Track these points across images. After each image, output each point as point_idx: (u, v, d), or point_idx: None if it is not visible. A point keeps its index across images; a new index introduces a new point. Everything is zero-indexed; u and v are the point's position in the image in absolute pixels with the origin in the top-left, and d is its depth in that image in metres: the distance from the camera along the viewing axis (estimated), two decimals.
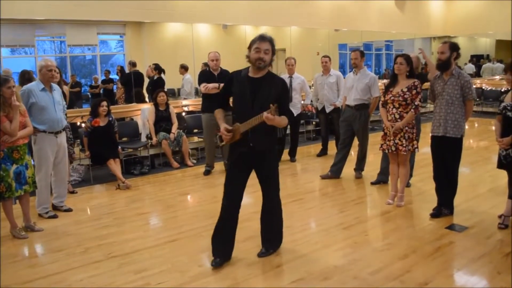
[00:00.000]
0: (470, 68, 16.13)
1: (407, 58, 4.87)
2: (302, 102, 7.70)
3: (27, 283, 3.51)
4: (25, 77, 6.14)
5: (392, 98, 4.84)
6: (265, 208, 3.83)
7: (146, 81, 9.86)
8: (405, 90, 4.78)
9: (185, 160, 7.38)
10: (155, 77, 9.31)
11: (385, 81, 5.27)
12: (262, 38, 3.48)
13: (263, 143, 3.56)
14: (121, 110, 8.27)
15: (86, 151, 6.45)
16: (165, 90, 7.95)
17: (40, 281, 3.53)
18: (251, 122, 3.40)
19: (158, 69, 9.34)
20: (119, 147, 6.73)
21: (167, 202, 5.58)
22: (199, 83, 6.59)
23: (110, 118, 6.52)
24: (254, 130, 3.43)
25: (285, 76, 7.47)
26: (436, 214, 4.69)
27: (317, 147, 8.42)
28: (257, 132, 3.46)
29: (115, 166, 6.29)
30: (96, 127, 6.36)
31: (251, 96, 3.47)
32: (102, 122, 6.41)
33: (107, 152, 6.32)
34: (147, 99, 9.10)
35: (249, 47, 3.51)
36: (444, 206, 4.72)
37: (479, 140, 9.17)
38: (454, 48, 4.50)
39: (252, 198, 4.86)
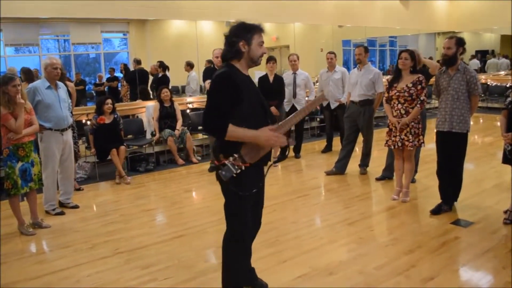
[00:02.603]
0: (475, 63, 16.07)
1: (411, 53, 4.87)
2: (307, 98, 7.71)
3: (35, 279, 3.55)
4: (28, 75, 6.23)
5: (397, 93, 4.83)
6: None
7: (150, 78, 9.91)
8: (410, 85, 4.78)
9: (189, 157, 7.41)
10: (160, 75, 9.35)
11: (389, 77, 5.27)
12: (262, 29, 2.83)
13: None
14: (126, 108, 8.30)
15: (91, 148, 6.48)
16: (169, 87, 7.98)
17: (48, 277, 3.57)
18: (299, 115, 2.80)
19: (162, 66, 9.38)
20: (124, 144, 6.75)
21: (173, 198, 5.61)
22: (204, 80, 6.62)
23: (116, 116, 6.56)
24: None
25: (289, 72, 7.48)
26: (436, 210, 4.70)
27: (321, 143, 8.42)
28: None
29: (117, 158, 6.33)
30: (101, 125, 6.40)
31: (259, 97, 2.87)
32: (107, 119, 6.45)
33: (111, 146, 6.36)
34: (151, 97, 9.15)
35: (244, 38, 2.74)
36: (444, 202, 4.73)
37: (484, 136, 9.15)
38: (460, 43, 4.50)
39: None
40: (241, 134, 2.62)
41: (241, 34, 2.74)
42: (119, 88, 11.26)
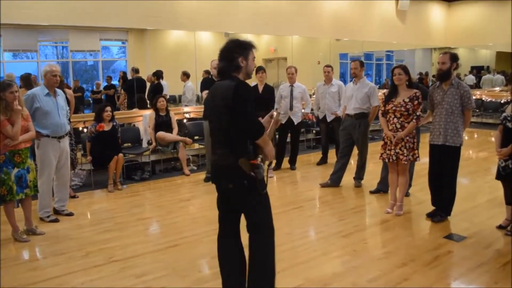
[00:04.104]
0: (471, 79, 16.23)
1: (404, 68, 4.94)
2: (303, 110, 7.75)
3: (28, 286, 3.54)
4: (26, 82, 6.25)
5: (394, 108, 4.88)
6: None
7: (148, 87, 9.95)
8: (407, 100, 4.83)
9: (182, 168, 7.39)
10: (155, 83, 9.42)
11: (385, 90, 5.33)
12: (255, 46, 3.04)
13: None
14: (123, 116, 8.32)
15: (88, 155, 6.48)
16: (164, 95, 8.03)
17: (41, 284, 3.56)
18: (273, 126, 3.10)
19: (156, 75, 9.44)
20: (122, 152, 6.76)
21: (168, 207, 5.62)
22: (202, 90, 6.66)
23: (114, 123, 6.59)
24: None
25: (286, 85, 7.53)
26: (432, 214, 4.86)
27: (317, 155, 8.46)
28: None
29: (114, 165, 6.35)
30: (100, 132, 6.41)
31: None
32: (106, 127, 6.47)
33: (111, 153, 6.37)
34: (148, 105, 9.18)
35: (243, 54, 2.93)
36: (441, 211, 4.84)
37: (479, 151, 9.21)
38: (454, 58, 4.62)
39: None
40: (266, 136, 2.90)
41: (240, 50, 2.93)
42: (116, 95, 11.27)
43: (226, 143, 2.90)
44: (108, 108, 6.54)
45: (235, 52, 2.92)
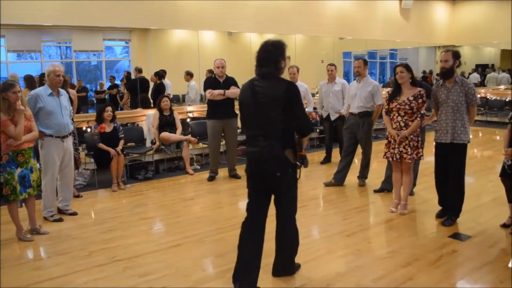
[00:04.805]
0: (475, 77, 16.14)
1: (406, 66, 4.91)
2: (306, 109, 7.73)
3: (31, 285, 3.55)
4: (29, 82, 6.27)
5: (398, 106, 4.85)
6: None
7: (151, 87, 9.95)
8: (411, 98, 4.80)
9: (186, 167, 7.39)
10: (157, 83, 9.42)
11: (389, 89, 5.31)
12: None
13: None
14: (127, 116, 8.33)
15: (110, 150, 6.34)
16: (167, 95, 8.02)
17: (44, 284, 3.56)
18: None
19: (158, 74, 9.44)
20: (125, 151, 6.75)
21: (171, 207, 5.61)
22: (205, 89, 6.65)
23: (115, 125, 6.57)
24: None
25: None
26: (441, 214, 4.83)
27: (321, 154, 8.44)
28: None
29: (116, 165, 6.34)
30: (102, 133, 6.41)
31: None
32: (107, 127, 6.46)
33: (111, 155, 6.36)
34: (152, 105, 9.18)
35: (283, 57, 3.18)
36: (451, 212, 4.77)
37: (483, 150, 9.16)
38: (456, 56, 4.61)
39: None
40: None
41: (281, 53, 3.14)
42: (119, 95, 11.27)
43: (274, 135, 3.14)
44: (109, 108, 6.53)
45: (278, 55, 3.12)
